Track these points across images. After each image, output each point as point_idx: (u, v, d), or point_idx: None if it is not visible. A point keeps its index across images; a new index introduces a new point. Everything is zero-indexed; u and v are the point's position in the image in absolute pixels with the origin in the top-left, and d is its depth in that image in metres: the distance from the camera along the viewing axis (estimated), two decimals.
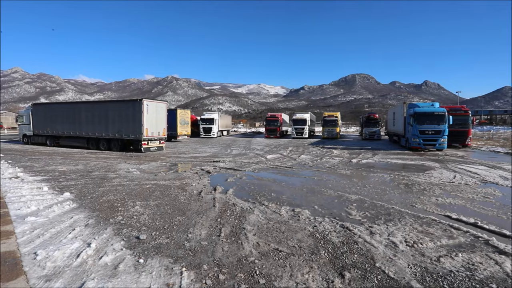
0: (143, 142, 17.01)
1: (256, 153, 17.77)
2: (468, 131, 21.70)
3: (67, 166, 11.66)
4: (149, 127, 17.21)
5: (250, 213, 5.78)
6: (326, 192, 7.67)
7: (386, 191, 7.79)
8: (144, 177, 9.38)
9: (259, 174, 10.44)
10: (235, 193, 7.41)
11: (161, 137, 18.35)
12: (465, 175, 10.24)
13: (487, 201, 6.86)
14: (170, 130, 23.44)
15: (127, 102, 17.75)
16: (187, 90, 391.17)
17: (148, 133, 17.13)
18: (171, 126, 24.34)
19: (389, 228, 4.99)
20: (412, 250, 4.15)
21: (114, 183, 8.38)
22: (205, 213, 5.76)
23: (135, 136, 17.08)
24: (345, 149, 20.81)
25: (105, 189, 7.63)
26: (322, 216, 5.65)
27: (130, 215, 5.55)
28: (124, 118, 17.33)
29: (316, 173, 10.63)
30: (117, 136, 17.74)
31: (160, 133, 18.19)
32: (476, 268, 3.63)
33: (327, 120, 34.61)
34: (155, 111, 17.65)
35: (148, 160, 13.72)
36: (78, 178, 9.18)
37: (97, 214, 5.63)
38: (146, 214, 5.66)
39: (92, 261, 3.73)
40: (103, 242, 4.29)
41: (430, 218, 5.53)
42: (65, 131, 20.07)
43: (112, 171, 10.54)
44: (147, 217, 5.48)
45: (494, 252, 4.09)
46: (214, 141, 28.89)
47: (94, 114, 18.61)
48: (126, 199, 6.68)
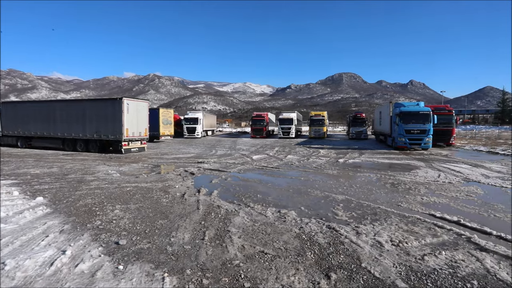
0: (124, 143, 16.67)
1: (241, 153, 17.75)
2: (452, 130, 22.48)
3: (40, 168, 11.27)
4: (130, 127, 16.88)
5: (235, 215, 5.77)
6: (312, 192, 7.76)
7: (373, 191, 7.95)
8: (125, 180, 9.19)
9: (245, 175, 10.44)
10: (220, 195, 7.37)
11: (143, 138, 18.05)
12: (449, 174, 10.60)
13: (470, 199, 7.13)
14: (152, 130, 23.07)
15: (106, 101, 17.35)
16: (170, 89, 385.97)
17: (128, 133, 16.80)
18: (153, 126, 23.98)
19: (375, 228, 5.10)
20: (398, 249, 4.26)
21: (92, 186, 8.17)
22: (188, 216, 5.70)
23: (115, 136, 16.71)
24: (332, 148, 21.11)
25: (82, 193, 7.42)
26: (309, 217, 5.71)
27: (109, 220, 5.43)
28: (103, 117, 16.93)
29: (303, 174, 10.73)
30: (96, 137, 17.30)
31: (142, 134, 17.89)
32: (459, 266, 3.77)
33: (314, 119, 34.98)
34: (136, 111, 17.33)
35: (129, 162, 13.46)
36: (53, 181, 8.89)
37: (73, 219, 5.46)
38: (126, 218, 5.54)
39: (67, 269, 3.62)
40: (79, 249, 4.17)
41: (415, 217, 5.69)
42: (38, 132, 19.38)
43: (90, 173, 10.27)
44: (127, 221, 5.38)
45: (476, 249, 4.26)
46: (198, 142, 28.65)
47: (71, 113, 18.07)
48: (105, 203, 6.52)
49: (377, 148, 21.31)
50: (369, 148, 21.31)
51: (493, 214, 5.93)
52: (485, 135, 36.59)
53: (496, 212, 6.05)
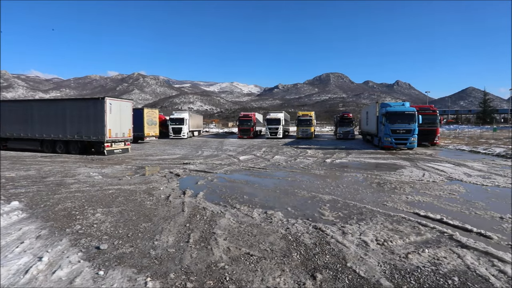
0: (106, 144, 16.34)
1: (228, 154, 17.73)
2: (437, 130, 23.14)
3: (16, 171, 10.91)
4: (113, 127, 16.57)
5: (221, 217, 5.76)
6: (299, 193, 7.82)
7: (359, 191, 8.09)
8: (107, 182, 9.02)
9: (231, 176, 10.43)
10: (206, 197, 7.34)
11: (126, 139, 17.74)
12: (433, 173, 10.90)
13: (452, 197, 7.36)
14: (136, 131, 22.76)
15: (88, 100, 16.96)
16: (155, 88, 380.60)
17: (111, 134, 16.48)
18: (137, 127, 23.68)
19: (361, 227, 5.19)
20: (383, 248, 4.35)
21: (72, 189, 7.97)
22: (173, 218, 5.65)
23: (97, 137, 16.36)
24: (320, 149, 21.35)
25: (62, 196, 7.23)
26: (295, 217, 5.75)
27: (89, 224, 5.31)
28: (85, 118, 16.54)
29: (290, 174, 10.81)
30: (77, 138, 16.88)
31: (125, 134, 17.58)
32: (441, 263, 3.89)
33: (301, 119, 35.26)
34: (119, 111, 17.02)
35: (111, 164, 13.21)
36: (30, 184, 8.62)
37: (51, 224, 5.31)
38: (108, 222, 5.44)
39: (43, 277, 3.52)
40: (57, 255, 4.05)
41: (400, 216, 5.83)
42: (14, 133, 18.74)
43: (70, 176, 10.02)
44: (109, 225, 5.27)
45: (457, 246, 4.41)
46: (184, 142, 28.42)
47: (50, 113, 17.56)
48: (85, 206, 6.38)
49: (364, 148, 21.69)
50: (356, 148, 21.67)
51: (474, 212, 6.14)
52: (467, 135, 37.83)
53: (476, 210, 6.27)
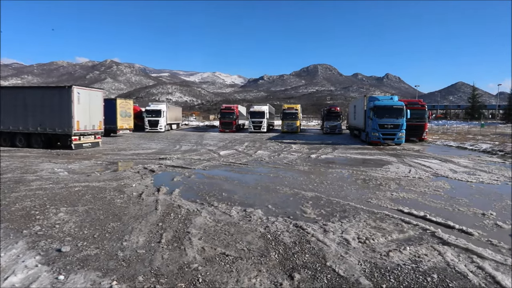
0: (74, 138, 15.84)
1: (208, 149, 17.64)
2: (425, 125, 23.84)
3: None
4: (81, 119, 16.07)
5: (197, 215, 5.73)
6: (281, 190, 7.89)
7: (343, 187, 8.24)
8: (73, 179, 8.77)
9: (210, 172, 10.39)
10: (182, 194, 7.29)
11: (97, 132, 17.28)
12: (420, 169, 11.25)
13: (437, 194, 7.63)
14: (108, 123, 22.14)
15: (53, 89, 16.38)
16: (130, 77, 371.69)
17: (80, 126, 15.99)
18: (109, 119, 23.05)
19: (343, 225, 5.30)
20: (364, 246, 4.46)
21: (33, 187, 7.70)
22: (145, 217, 5.57)
23: (63, 130, 15.82)
24: (305, 144, 21.58)
25: (20, 195, 6.97)
26: (276, 215, 5.80)
27: (51, 224, 5.15)
28: (49, 108, 15.93)
29: (273, 170, 10.88)
30: (40, 130, 16.26)
31: (96, 127, 17.11)
32: (421, 260, 4.03)
33: (286, 113, 35.45)
34: (88, 101, 16.52)
35: (79, 159, 12.85)
36: None
37: (5, 225, 5.11)
38: (72, 222, 5.29)
39: None
40: (11, 259, 3.91)
41: (384, 213, 5.99)
42: None
43: (31, 172, 9.67)
44: (73, 225, 5.13)
45: (439, 243, 4.58)
46: (161, 136, 28.02)
47: (8, 103, 16.77)
48: (47, 205, 6.17)
49: (351, 143, 22.09)
50: (343, 143, 22.04)
51: (457, 208, 6.39)
52: (455, 131, 39.25)
53: (460, 206, 6.52)
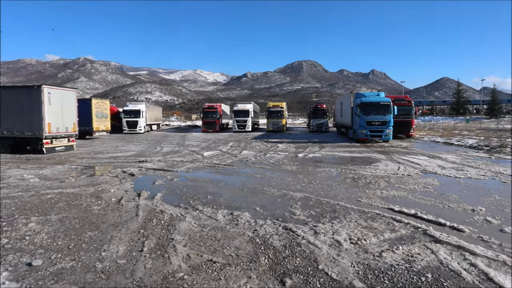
0: (45, 141, 15.34)
1: (191, 150, 17.49)
2: (412, 122, 24.40)
3: None
4: (53, 121, 15.58)
5: (181, 220, 5.63)
6: (269, 191, 7.87)
7: (333, 187, 8.30)
8: (45, 185, 8.47)
9: (194, 174, 10.29)
10: (164, 198, 7.17)
11: (70, 134, 16.80)
12: (408, 166, 11.48)
13: (427, 191, 7.79)
14: (83, 125, 21.67)
15: (20, 88, 15.79)
16: (106, 76, 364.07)
17: (51, 129, 15.50)
18: (84, 120, 22.55)
19: (334, 226, 5.32)
20: (356, 247, 4.48)
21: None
22: (125, 224, 5.42)
23: (33, 133, 15.28)
24: (292, 142, 21.68)
25: None
26: (264, 218, 5.77)
27: (20, 236, 4.92)
28: (17, 110, 15.35)
29: (259, 171, 10.86)
30: (6, 134, 15.62)
31: (69, 129, 16.64)
32: (415, 260, 4.08)
33: (272, 111, 35.56)
34: (60, 101, 16.03)
35: (52, 164, 12.45)
36: None
37: None
38: (44, 232, 5.08)
39: None
40: None
41: (375, 212, 6.05)
42: None
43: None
44: (45, 236, 4.93)
45: (431, 241, 4.66)
46: (140, 138, 27.59)
47: None
48: (16, 216, 5.91)
49: (339, 141, 22.35)
50: (330, 141, 22.28)
51: (447, 205, 6.54)
52: (442, 126, 40.42)
53: (450, 203, 6.68)
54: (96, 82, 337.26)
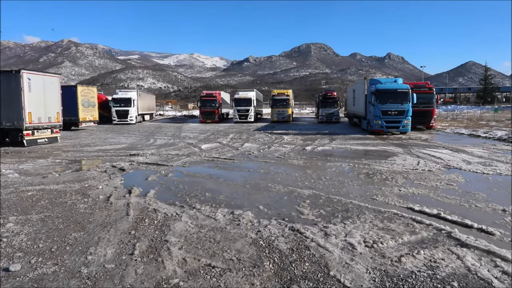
0: (26, 132, 15.35)
1: (187, 142, 17.48)
2: (433, 111, 24.16)
3: None
4: (34, 110, 15.57)
5: (177, 220, 5.60)
6: (274, 187, 7.82)
7: (344, 183, 8.24)
8: (26, 181, 8.47)
9: (191, 169, 10.27)
10: (158, 196, 7.15)
11: (54, 125, 16.81)
12: (429, 160, 11.38)
13: (450, 188, 7.70)
14: (68, 114, 21.62)
15: None
16: (93, 60, 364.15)
17: (32, 119, 15.50)
18: (69, 110, 22.50)
19: (347, 227, 5.26)
20: (372, 251, 4.42)
21: None
22: (114, 224, 5.40)
23: (11, 123, 15.28)
24: (298, 134, 21.62)
25: None
26: (268, 218, 5.72)
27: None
28: None
29: (263, 165, 10.82)
30: None
31: (52, 119, 16.64)
32: (438, 266, 4.01)
33: (276, 99, 35.41)
34: (42, 88, 16.01)
35: (33, 157, 12.48)
36: None
37: None
38: (24, 233, 5.06)
39: None
40: None
41: (392, 212, 5.98)
42: None
43: None
44: (25, 237, 4.91)
45: (456, 245, 4.58)
46: (132, 129, 27.63)
47: None
48: None
49: (351, 133, 22.24)
50: (341, 133, 22.17)
51: (474, 205, 6.45)
52: (466, 116, 40.09)
53: (477, 202, 6.59)
54: (82, 67, 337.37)
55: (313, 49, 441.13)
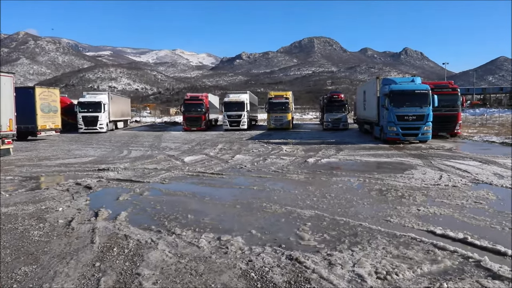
0: None
1: (168, 154, 17.49)
2: (458, 116, 24.31)
3: None
4: None
5: (152, 248, 5.53)
6: (269, 208, 7.79)
7: (353, 202, 8.22)
8: None
9: (171, 186, 10.26)
10: (130, 219, 7.08)
11: (6, 134, 16.62)
12: (454, 174, 11.42)
13: (479, 207, 7.70)
14: (24, 122, 21.52)
15: None
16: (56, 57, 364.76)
17: None
18: (25, 116, 22.41)
19: (355, 255, 5.22)
20: (385, 284, 4.39)
21: None
22: (74, 255, 5.31)
23: None
24: (299, 144, 21.71)
25: None
26: (262, 244, 5.68)
27: None
28: None
29: (257, 181, 10.82)
30: None
31: (3, 128, 16.46)
32: None
33: (274, 103, 35.60)
34: None
35: None
36: None
37: None
38: None
39: None
40: None
41: (409, 236, 5.95)
42: None
43: None
44: None
45: (487, 276, 4.55)
46: (102, 138, 27.57)
47: None
48: None
49: (361, 142, 22.35)
50: (350, 142, 22.27)
51: (508, 227, 6.44)
52: (498, 122, 40.41)
53: None
54: (42, 65, 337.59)
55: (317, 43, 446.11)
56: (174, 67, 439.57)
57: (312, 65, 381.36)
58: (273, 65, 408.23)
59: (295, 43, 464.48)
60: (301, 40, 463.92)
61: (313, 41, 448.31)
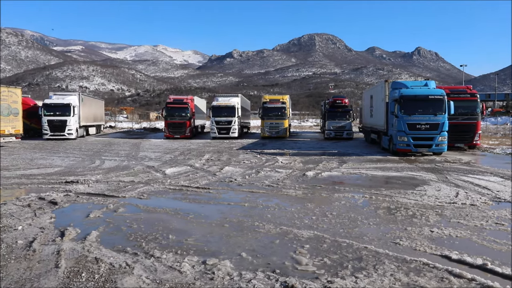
0: None
1: (147, 165, 17.46)
2: (477, 125, 24.43)
3: None
4: None
5: (126, 273, 5.50)
6: (262, 227, 7.79)
7: (357, 222, 8.24)
8: None
9: (150, 202, 10.22)
10: (102, 239, 7.05)
11: None
12: (472, 191, 11.50)
13: (500, 229, 7.74)
14: None
15: None
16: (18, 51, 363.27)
17: None
18: None
19: (359, 282, 5.23)
20: None
21: None
22: (36, 281, 5.26)
23: None
24: (297, 155, 21.74)
25: None
26: (253, 269, 5.67)
27: None
28: None
29: (248, 197, 10.81)
30: None
31: None
32: None
33: (268, 108, 35.69)
34: None
35: None
36: None
37: None
38: None
39: None
40: None
41: (421, 261, 5.96)
42: None
43: None
44: None
45: None
46: (71, 146, 27.44)
47: None
48: None
49: (367, 153, 22.43)
50: (355, 153, 22.36)
51: None
52: None
53: None
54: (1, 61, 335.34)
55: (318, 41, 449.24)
56: (155, 66, 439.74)
57: (313, 66, 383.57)
58: (268, 65, 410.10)
59: (293, 41, 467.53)
60: (301, 37, 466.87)
61: (314, 39, 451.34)
